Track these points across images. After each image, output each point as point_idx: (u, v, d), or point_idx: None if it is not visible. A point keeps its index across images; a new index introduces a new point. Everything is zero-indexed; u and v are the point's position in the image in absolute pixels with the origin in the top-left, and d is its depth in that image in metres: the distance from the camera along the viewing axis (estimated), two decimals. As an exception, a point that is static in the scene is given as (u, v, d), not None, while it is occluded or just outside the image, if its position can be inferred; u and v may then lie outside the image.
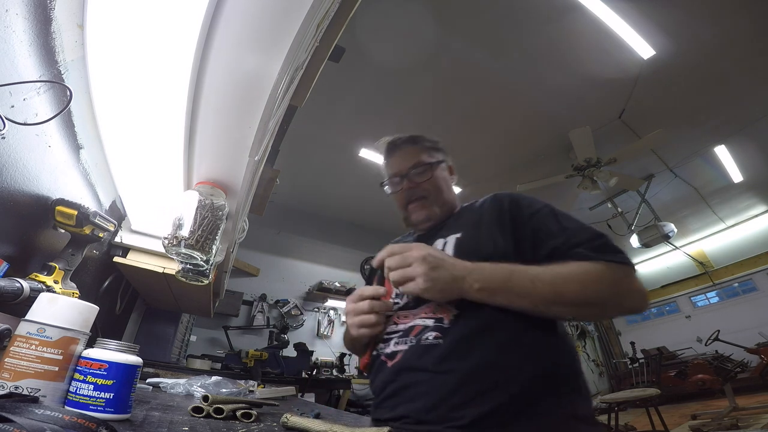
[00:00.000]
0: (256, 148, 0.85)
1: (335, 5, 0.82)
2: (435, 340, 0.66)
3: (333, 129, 3.74)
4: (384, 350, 0.73)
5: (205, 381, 1.09)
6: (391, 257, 0.68)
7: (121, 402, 0.48)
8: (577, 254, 0.67)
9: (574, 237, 0.70)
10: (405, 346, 0.69)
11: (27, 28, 0.62)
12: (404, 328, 0.73)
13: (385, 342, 0.75)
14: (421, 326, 0.70)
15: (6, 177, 0.66)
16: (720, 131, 3.86)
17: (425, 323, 0.70)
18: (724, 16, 2.69)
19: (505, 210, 0.79)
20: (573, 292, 0.62)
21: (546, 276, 0.63)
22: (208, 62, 0.66)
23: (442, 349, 0.64)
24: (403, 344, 0.70)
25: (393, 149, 0.97)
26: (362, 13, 2.28)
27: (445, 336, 0.65)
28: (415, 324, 0.71)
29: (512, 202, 0.80)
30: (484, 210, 0.83)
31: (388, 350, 0.72)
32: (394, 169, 0.94)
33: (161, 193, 1.06)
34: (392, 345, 0.72)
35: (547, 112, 3.55)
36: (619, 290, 0.65)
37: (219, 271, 1.71)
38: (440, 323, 0.68)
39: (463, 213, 0.90)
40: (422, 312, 0.72)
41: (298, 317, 4.53)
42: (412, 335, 0.70)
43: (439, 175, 0.93)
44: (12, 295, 0.63)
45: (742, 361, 4.53)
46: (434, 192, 0.90)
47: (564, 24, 2.73)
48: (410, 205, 0.91)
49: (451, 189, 0.96)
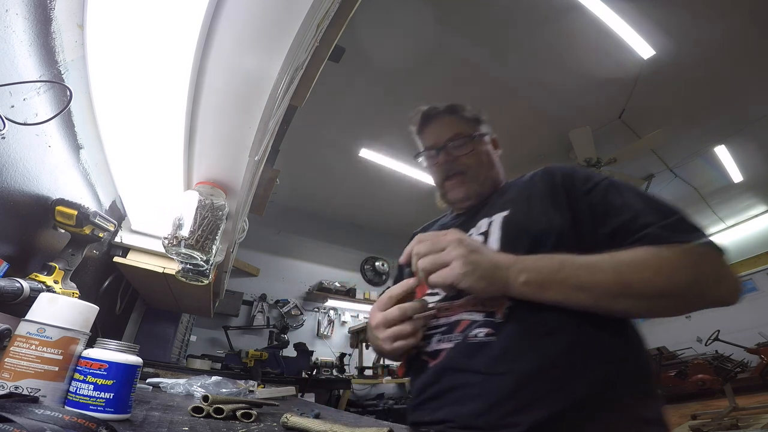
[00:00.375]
0: (256, 148, 0.85)
1: (335, 5, 0.82)
2: (486, 337, 0.57)
3: (333, 129, 3.74)
4: (424, 348, 0.65)
5: (205, 381, 1.09)
6: (421, 244, 0.57)
7: (121, 402, 0.48)
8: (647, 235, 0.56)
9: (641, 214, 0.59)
10: (449, 344, 0.61)
11: (27, 28, 0.62)
12: (447, 322, 0.64)
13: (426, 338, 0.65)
14: (468, 321, 0.61)
15: (6, 177, 0.66)
16: (720, 131, 3.86)
17: (473, 317, 0.60)
18: (724, 16, 2.69)
19: (558, 184, 0.69)
20: (643, 282, 0.52)
21: (607, 264, 0.53)
22: (208, 62, 0.66)
23: (495, 348, 0.56)
24: (446, 342, 0.62)
25: (429, 119, 0.88)
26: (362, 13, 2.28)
27: (499, 332, 0.57)
28: (460, 318, 0.62)
29: (566, 175, 0.70)
30: (535, 184, 0.73)
31: (430, 348, 0.64)
32: (430, 140, 0.85)
33: (161, 193, 1.06)
34: (434, 342, 0.64)
35: (547, 112, 3.55)
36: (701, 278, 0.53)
37: (219, 271, 1.71)
38: (491, 317, 0.59)
39: (509, 189, 0.80)
40: (469, 304, 0.62)
41: (298, 317, 4.53)
42: (458, 331, 0.61)
43: (481, 149, 0.84)
44: (12, 295, 0.63)
45: (742, 361, 4.53)
46: (475, 167, 0.81)
47: (564, 24, 2.73)
48: (447, 182, 0.82)
49: (495, 164, 0.86)
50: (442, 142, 0.82)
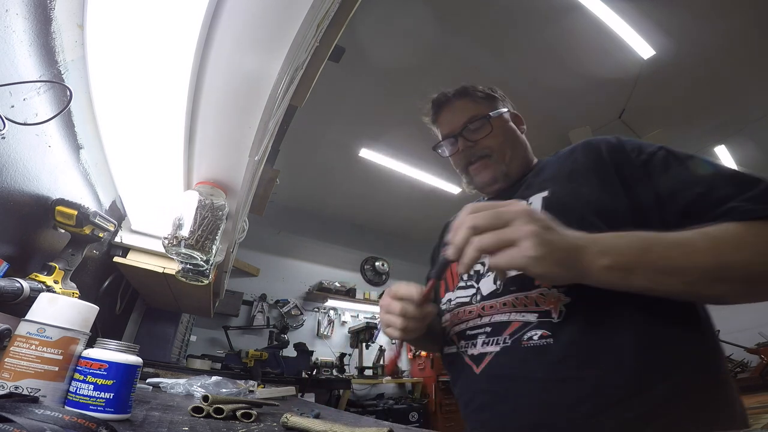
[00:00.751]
0: (256, 148, 0.85)
1: (335, 5, 0.81)
2: (541, 340, 0.51)
3: (333, 129, 3.74)
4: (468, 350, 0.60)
5: (205, 381, 1.09)
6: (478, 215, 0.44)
7: (121, 402, 0.48)
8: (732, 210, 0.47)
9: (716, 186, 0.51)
10: (496, 348, 0.56)
11: (27, 28, 0.62)
12: (492, 322, 0.58)
13: (469, 339, 0.61)
14: (519, 323, 0.55)
15: (6, 177, 0.66)
16: (720, 131, 3.86)
17: (525, 319, 0.54)
18: (724, 16, 2.69)
19: (605, 158, 0.61)
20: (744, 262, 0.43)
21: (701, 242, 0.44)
22: (208, 62, 0.66)
23: (554, 352, 0.50)
24: (493, 345, 0.56)
25: (441, 106, 0.84)
26: (362, 13, 2.28)
27: (556, 334, 0.51)
28: (509, 320, 0.56)
29: (612, 147, 0.62)
30: (576, 159, 0.66)
31: (474, 351, 0.59)
32: (446, 128, 0.81)
33: (161, 193, 1.06)
34: (479, 345, 0.59)
35: (547, 112, 3.54)
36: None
37: (219, 271, 1.70)
38: (546, 317, 0.52)
39: (546, 167, 0.73)
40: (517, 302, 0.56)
41: (298, 317, 4.53)
42: (506, 333, 0.56)
43: (502, 127, 0.78)
44: (12, 295, 0.63)
45: (742, 361, 4.53)
46: (498, 148, 0.76)
47: (564, 24, 2.73)
48: (471, 167, 0.77)
49: (520, 141, 0.81)
50: (458, 128, 0.78)
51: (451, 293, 0.71)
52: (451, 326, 0.68)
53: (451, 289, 0.72)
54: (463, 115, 0.78)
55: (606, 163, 0.60)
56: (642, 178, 0.57)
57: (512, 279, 0.58)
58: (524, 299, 0.56)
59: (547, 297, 0.54)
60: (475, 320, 0.62)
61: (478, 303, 0.62)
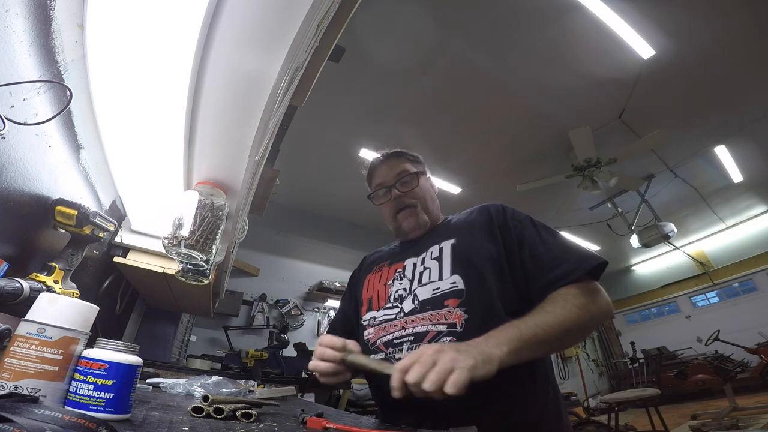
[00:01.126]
0: (256, 148, 0.85)
1: (335, 5, 0.82)
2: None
3: (333, 129, 3.74)
4: (396, 355, 0.75)
5: (205, 381, 1.09)
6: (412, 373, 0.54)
7: (121, 402, 0.48)
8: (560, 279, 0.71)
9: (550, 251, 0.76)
10: None
11: (27, 28, 0.62)
12: (413, 332, 0.75)
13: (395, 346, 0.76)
14: (434, 332, 0.72)
15: (6, 177, 0.66)
16: (720, 131, 3.86)
17: (438, 329, 0.72)
18: (724, 16, 2.69)
19: (492, 218, 0.85)
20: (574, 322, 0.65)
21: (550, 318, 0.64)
22: (208, 62, 0.66)
23: None
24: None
25: (378, 163, 1.01)
26: (362, 13, 2.28)
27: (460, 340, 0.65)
28: (427, 330, 0.73)
29: (498, 212, 0.86)
30: (474, 218, 0.88)
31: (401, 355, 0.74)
32: (379, 179, 0.98)
33: (161, 193, 1.06)
34: (405, 350, 0.74)
35: (547, 112, 3.55)
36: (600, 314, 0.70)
37: (219, 271, 1.71)
38: (453, 328, 0.71)
39: (451, 221, 0.94)
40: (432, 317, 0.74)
41: (298, 317, 4.53)
42: (426, 340, 0.72)
43: (425, 185, 0.98)
44: (12, 295, 0.63)
45: (742, 361, 4.53)
46: (422, 200, 0.94)
47: (564, 24, 2.74)
48: (399, 214, 0.94)
49: (435, 200, 1.00)
50: (391, 181, 0.95)
51: (375, 312, 0.87)
52: (377, 338, 0.83)
53: (375, 309, 0.88)
54: (396, 169, 0.96)
55: (493, 223, 0.84)
56: (512, 234, 0.81)
57: (427, 300, 0.78)
58: (437, 315, 0.74)
59: (453, 314, 0.73)
60: (399, 331, 0.78)
61: (402, 318, 0.79)
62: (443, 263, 0.81)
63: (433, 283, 0.79)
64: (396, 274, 0.88)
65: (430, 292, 0.78)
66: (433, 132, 3.71)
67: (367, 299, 0.91)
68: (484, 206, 0.90)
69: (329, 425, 0.58)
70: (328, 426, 0.58)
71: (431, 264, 0.83)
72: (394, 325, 0.80)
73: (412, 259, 0.88)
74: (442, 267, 0.80)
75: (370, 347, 0.84)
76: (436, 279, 0.79)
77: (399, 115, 3.56)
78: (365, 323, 0.88)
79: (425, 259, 0.85)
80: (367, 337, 0.86)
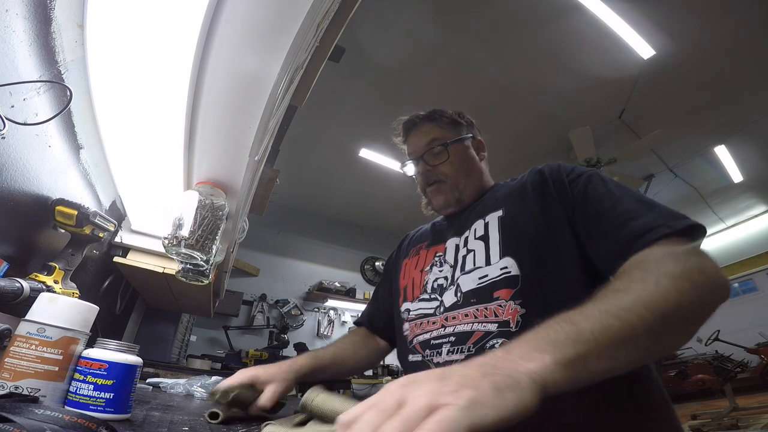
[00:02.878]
0: (256, 148, 0.85)
1: (335, 5, 0.82)
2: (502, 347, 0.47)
3: (333, 129, 3.74)
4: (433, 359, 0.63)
5: (205, 381, 1.09)
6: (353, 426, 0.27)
7: (121, 402, 0.48)
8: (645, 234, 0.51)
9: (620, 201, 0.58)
10: (461, 356, 0.59)
11: (27, 28, 0.62)
12: (455, 332, 0.62)
13: (434, 348, 0.64)
14: (481, 332, 0.59)
15: (6, 177, 0.66)
16: (720, 131, 3.86)
17: (486, 328, 0.58)
18: (724, 16, 2.69)
19: (546, 178, 0.70)
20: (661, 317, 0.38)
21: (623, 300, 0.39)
22: (208, 62, 0.66)
23: None
24: (458, 353, 0.59)
25: (410, 128, 0.89)
26: (362, 13, 2.27)
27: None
28: (473, 330, 0.60)
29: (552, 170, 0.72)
30: (526, 181, 0.74)
31: (440, 359, 0.62)
32: (411, 148, 0.87)
33: (161, 193, 1.06)
34: (445, 353, 0.62)
35: (547, 112, 3.55)
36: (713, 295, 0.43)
37: (219, 271, 1.71)
38: (506, 327, 0.57)
39: (501, 188, 0.80)
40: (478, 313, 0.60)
41: (298, 317, 4.53)
42: (470, 342, 0.59)
43: (460, 155, 0.83)
44: (12, 295, 0.63)
45: (742, 361, 4.52)
46: (453, 175, 0.81)
47: (564, 24, 2.73)
48: (428, 189, 0.84)
49: (477, 167, 0.86)
50: (420, 151, 0.84)
51: (409, 303, 0.75)
52: (413, 336, 0.71)
53: (410, 300, 0.76)
54: (426, 139, 0.84)
55: (547, 183, 0.69)
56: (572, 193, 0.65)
57: (472, 291, 0.64)
58: (484, 310, 0.60)
59: (505, 308, 0.58)
60: (439, 330, 0.65)
61: (442, 314, 0.66)
62: (490, 243, 0.65)
63: (479, 269, 0.64)
64: (435, 259, 0.75)
65: (476, 281, 0.64)
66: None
67: (403, 288, 0.80)
68: (535, 168, 0.75)
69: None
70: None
71: (476, 245, 0.68)
72: (433, 322, 0.67)
73: (453, 240, 0.74)
74: (489, 248, 0.65)
75: (408, 346, 0.72)
76: (482, 264, 0.64)
77: (399, 115, 3.56)
78: (403, 317, 0.77)
79: (468, 239, 0.71)
80: (405, 333, 0.74)
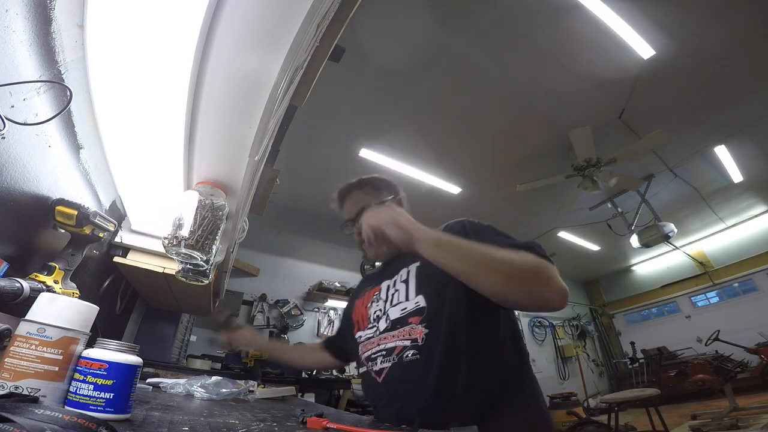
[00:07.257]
0: (256, 148, 0.85)
1: (335, 5, 0.82)
2: (413, 356, 0.80)
3: (333, 129, 3.73)
4: (373, 368, 0.88)
5: (205, 381, 1.09)
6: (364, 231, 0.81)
7: (121, 402, 0.48)
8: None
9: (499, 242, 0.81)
10: (389, 364, 0.83)
11: (27, 28, 0.62)
12: (386, 348, 0.86)
13: (372, 360, 0.89)
14: (401, 346, 0.83)
15: (6, 177, 0.66)
16: (720, 131, 3.87)
17: (404, 344, 0.83)
18: (724, 16, 2.69)
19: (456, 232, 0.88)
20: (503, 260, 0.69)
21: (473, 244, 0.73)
22: (208, 62, 0.66)
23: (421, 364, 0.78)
24: (387, 362, 0.84)
25: (343, 197, 1.11)
26: (362, 13, 2.27)
27: (421, 353, 0.79)
28: (395, 345, 0.84)
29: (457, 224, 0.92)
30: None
31: (376, 368, 0.86)
32: (345, 215, 1.09)
33: (161, 193, 1.06)
34: (379, 363, 0.86)
35: (547, 112, 3.55)
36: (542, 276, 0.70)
37: (219, 271, 1.71)
38: (416, 342, 0.81)
39: None
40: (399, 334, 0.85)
41: (298, 317, 4.53)
42: (394, 354, 0.83)
43: None
44: (12, 295, 0.63)
45: (742, 361, 4.53)
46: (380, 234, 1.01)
47: (564, 24, 2.74)
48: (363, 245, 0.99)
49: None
50: (352, 217, 1.06)
51: (361, 332, 0.98)
52: (362, 353, 0.95)
53: (362, 329, 0.99)
54: (355, 206, 1.06)
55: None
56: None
57: (397, 319, 0.87)
58: (403, 332, 0.84)
59: (416, 330, 0.82)
60: (375, 347, 0.89)
61: (377, 336, 0.90)
62: (409, 285, 0.90)
63: (401, 303, 0.89)
64: (374, 297, 0.99)
65: (399, 311, 0.88)
66: (433, 132, 3.71)
67: (356, 321, 1.03)
68: (447, 224, 0.96)
69: (329, 425, 0.58)
70: (328, 426, 0.58)
71: (400, 286, 0.93)
72: (373, 342, 0.91)
73: (386, 282, 0.98)
74: (408, 289, 0.90)
75: (360, 361, 0.97)
76: (403, 300, 0.89)
77: (399, 115, 3.56)
78: (358, 342, 0.99)
79: (396, 281, 0.95)
80: (360, 353, 0.98)
